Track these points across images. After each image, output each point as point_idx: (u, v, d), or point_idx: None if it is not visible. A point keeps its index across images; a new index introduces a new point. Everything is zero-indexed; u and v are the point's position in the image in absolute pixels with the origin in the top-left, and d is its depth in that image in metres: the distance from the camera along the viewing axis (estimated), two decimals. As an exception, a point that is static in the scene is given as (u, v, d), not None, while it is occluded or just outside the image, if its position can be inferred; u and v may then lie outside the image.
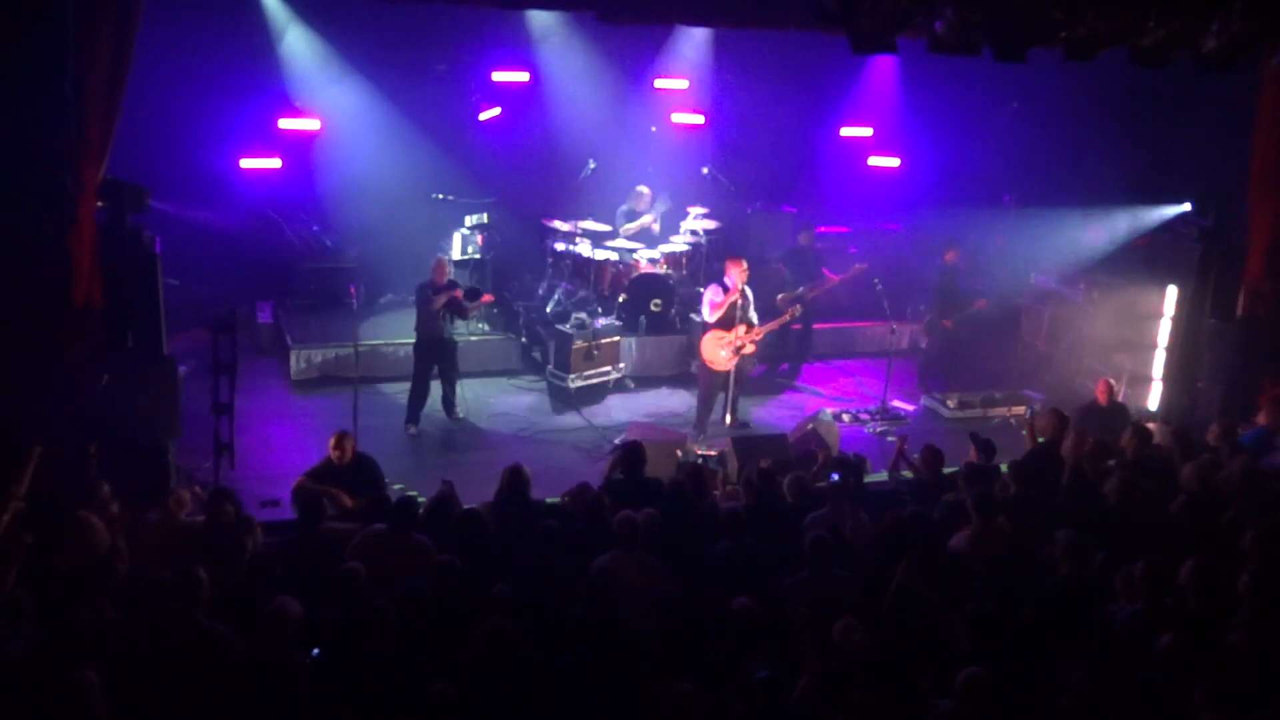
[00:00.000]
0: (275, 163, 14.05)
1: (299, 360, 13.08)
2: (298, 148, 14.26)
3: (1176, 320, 12.92)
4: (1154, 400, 13.12)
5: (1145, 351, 13.38)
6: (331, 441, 8.98)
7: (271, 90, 13.92)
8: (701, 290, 12.90)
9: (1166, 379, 13.05)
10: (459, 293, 11.97)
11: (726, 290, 12.14)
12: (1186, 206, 13.34)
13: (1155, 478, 8.78)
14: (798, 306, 13.11)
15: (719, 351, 12.14)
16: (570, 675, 5.93)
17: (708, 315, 12.17)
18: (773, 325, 12.70)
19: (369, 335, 13.14)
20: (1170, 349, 13.00)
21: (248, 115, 13.81)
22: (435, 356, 12.12)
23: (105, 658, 5.72)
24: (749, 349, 12.30)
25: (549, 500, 8.71)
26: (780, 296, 13.65)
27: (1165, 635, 6.08)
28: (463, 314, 12.23)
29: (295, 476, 9.04)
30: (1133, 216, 14.54)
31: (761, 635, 6.14)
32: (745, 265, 12.22)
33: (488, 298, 12.47)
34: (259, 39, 13.80)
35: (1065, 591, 6.83)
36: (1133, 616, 6.47)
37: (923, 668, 6.08)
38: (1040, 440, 9.97)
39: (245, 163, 13.89)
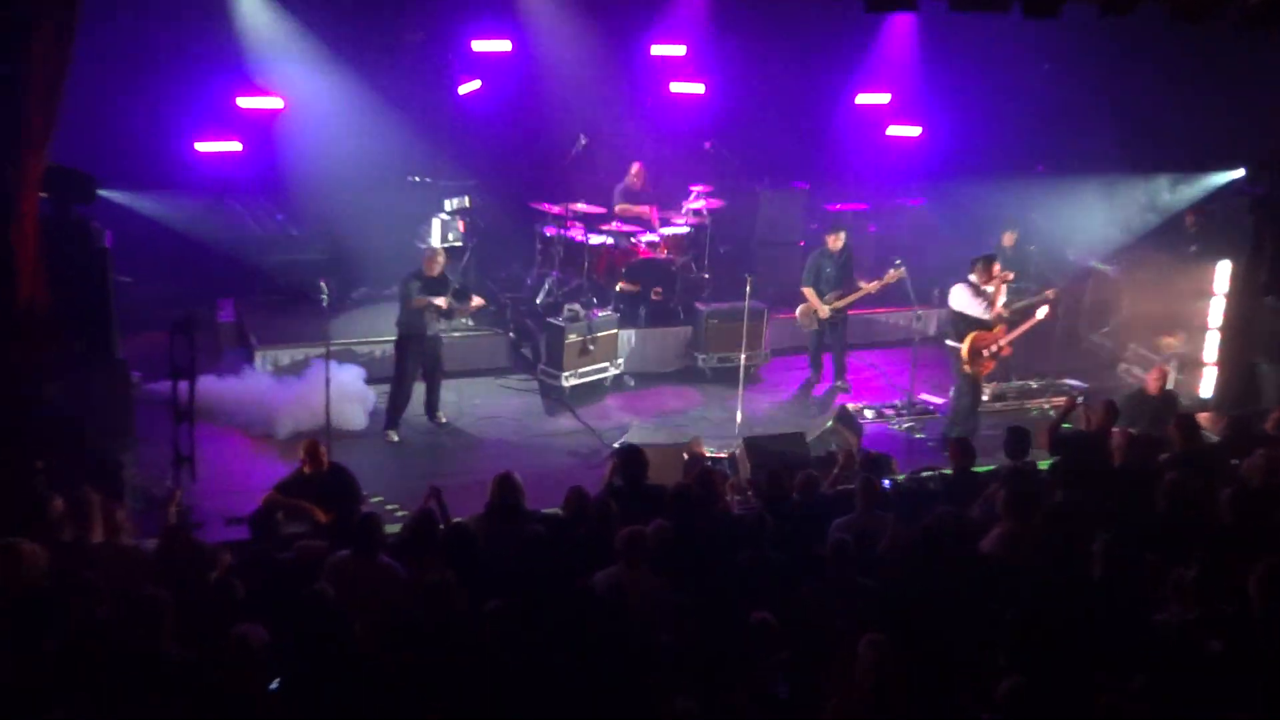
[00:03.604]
0: (234, 145, 14.04)
1: (265, 362, 13.08)
2: (259, 129, 14.24)
3: (1230, 298, 12.92)
4: (1207, 387, 13.12)
5: (1196, 334, 13.37)
6: (302, 451, 8.97)
7: (229, 66, 13.89)
8: (701, 276, 12.82)
9: (1220, 363, 13.05)
10: (443, 302, 11.93)
11: (979, 291, 12.11)
12: (1239, 173, 13.34)
13: (1208, 473, 8.78)
14: (1044, 308, 12.99)
15: (983, 354, 12.18)
16: (575, 695, 5.96)
17: (984, 314, 12.10)
18: (1024, 329, 12.59)
19: (341, 334, 13.12)
20: (1223, 330, 13.00)
21: (203, 94, 13.79)
22: (418, 355, 12.11)
23: (67, 691, 5.73)
24: (1006, 351, 12.35)
25: (545, 511, 8.71)
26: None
27: (1217, 642, 6.08)
28: (447, 315, 12.21)
29: (263, 491, 9.02)
30: (1180, 185, 14.54)
31: (782, 649, 6.15)
32: (998, 266, 12.20)
33: (479, 302, 12.44)
34: (214, 10, 13.77)
35: (1108, 598, 6.83)
36: (1185, 625, 6.47)
37: (959, 683, 6.09)
38: (1087, 432, 10.00)
39: (201, 146, 13.88)
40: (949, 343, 12.36)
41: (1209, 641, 6.23)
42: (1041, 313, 12.71)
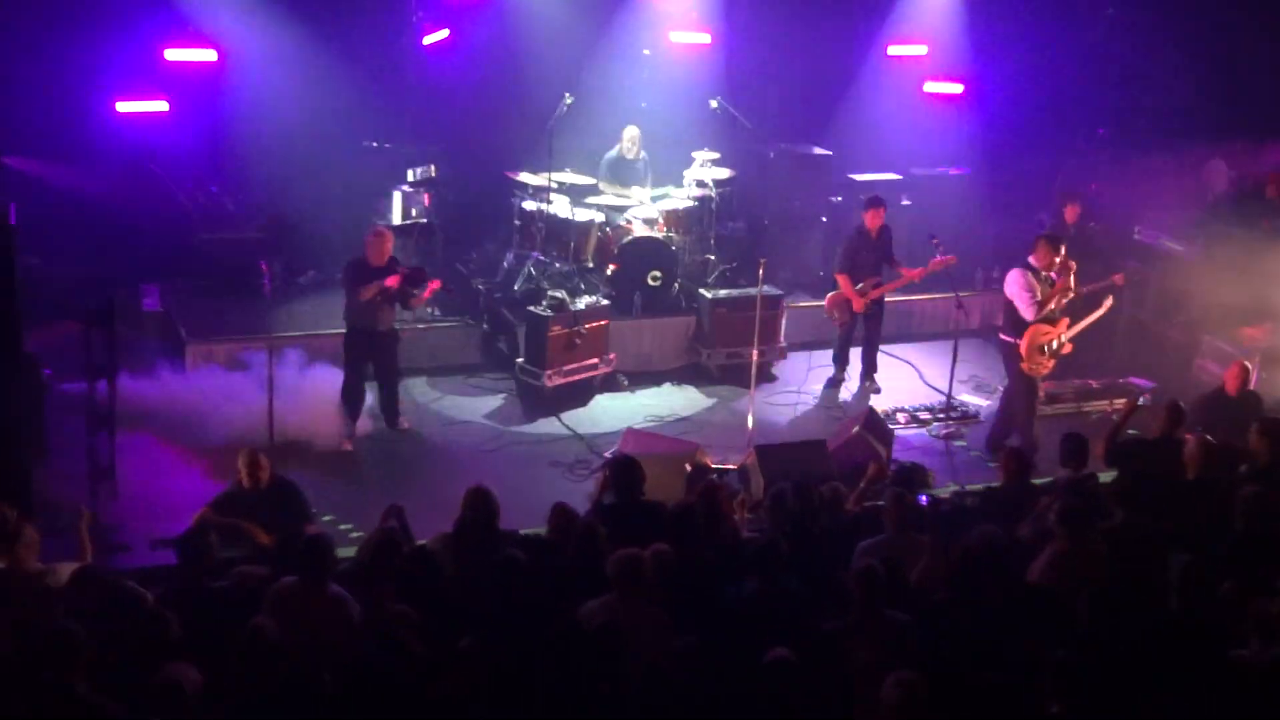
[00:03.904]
0: (161, 105, 14.04)
1: (197, 358, 13.08)
2: (189, 85, 14.24)
3: (1323, 283, 12.97)
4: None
5: (1283, 325, 13.43)
6: (241, 462, 8.99)
7: (154, 12, 13.89)
8: (706, 258, 12.72)
9: (1312, 359, 13.10)
10: (395, 279, 11.87)
11: (1038, 275, 12.00)
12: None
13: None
14: (1110, 299, 13.00)
15: (1044, 350, 12.13)
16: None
17: (1026, 312, 12.00)
18: (1089, 322, 12.63)
19: (286, 325, 13.13)
20: (1315, 321, 13.05)
21: (124, 45, 13.80)
22: (368, 352, 12.10)
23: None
24: (1067, 348, 12.33)
25: (524, 532, 8.74)
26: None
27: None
28: (405, 304, 12.21)
29: (195, 508, 9.06)
30: (1262, 150, 14.56)
31: (801, 691, 6.18)
32: (1063, 249, 12.06)
33: (435, 284, 12.42)
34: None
35: (1180, 631, 6.87)
36: (1271, 665, 6.50)
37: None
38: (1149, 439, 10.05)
39: (122, 106, 13.88)
40: (1003, 336, 12.35)
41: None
42: (1107, 303, 12.76)
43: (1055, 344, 12.15)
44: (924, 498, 9.26)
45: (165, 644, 6.72)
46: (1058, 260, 12.01)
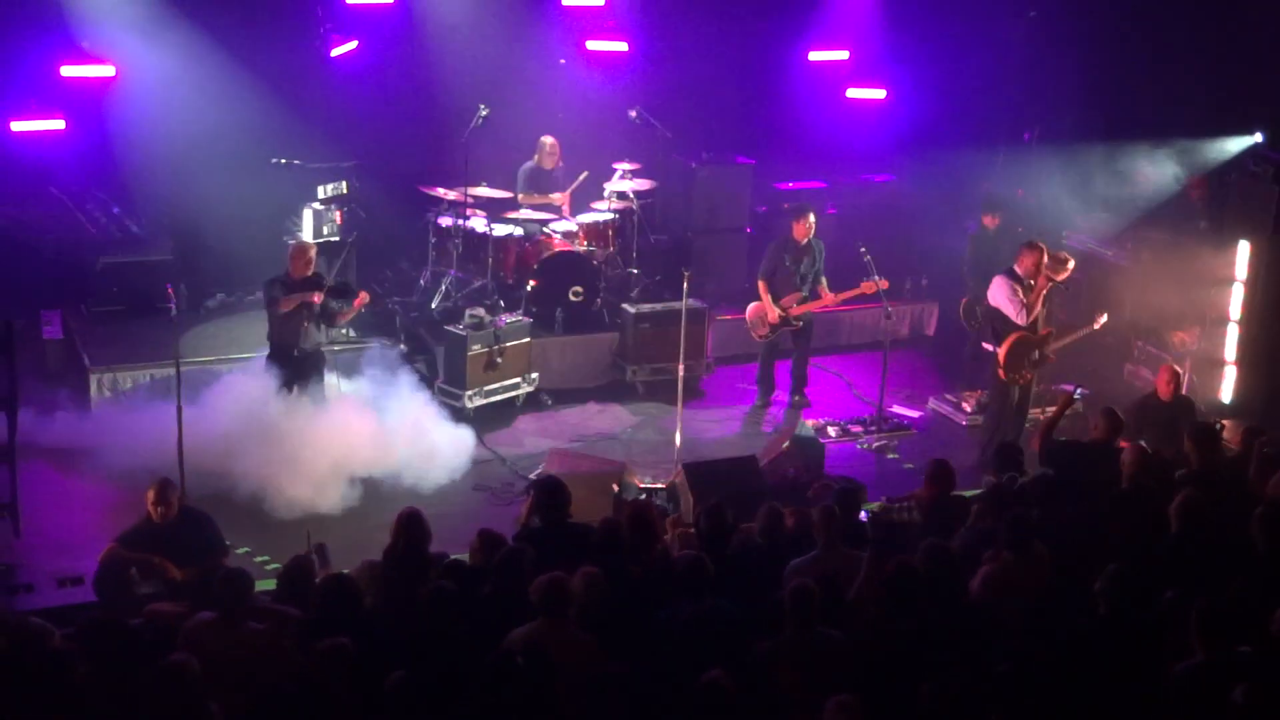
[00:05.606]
0: (58, 124, 13.88)
1: (101, 387, 12.96)
2: (87, 103, 14.10)
3: (1251, 285, 13.19)
4: (1227, 391, 13.39)
5: (1213, 328, 13.64)
6: (150, 494, 8.90)
7: (50, 28, 13.74)
8: (629, 271, 12.76)
9: (1241, 362, 13.32)
10: (317, 296, 11.82)
11: (1020, 281, 12.09)
12: (1258, 138, 13.64)
13: (1227, 492, 8.99)
14: (1104, 315, 13.20)
15: (1025, 361, 12.21)
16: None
17: (1016, 317, 12.09)
18: (1077, 336, 12.87)
19: (195, 350, 13.03)
20: (1245, 323, 13.26)
21: (19, 63, 13.64)
22: (293, 373, 12.01)
23: None
24: (1051, 358, 12.42)
25: (455, 557, 8.74)
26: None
27: (1240, 687, 6.24)
28: (330, 320, 12.12)
29: (103, 544, 8.96)
30: (1192, 153, 14.82)
31: (736, 715, 6.23)
32: (1047, 253, 12.20)
33: (364, 297, 12.36)
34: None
35: (1113, 642, 6.99)
36: (1193, 671, 6.63)
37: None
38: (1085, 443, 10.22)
39: (17, 125, 13.72)
40: (985, 345, 12.45)
41: (1230, 689, 6.38)
42: (1101, 319, 12.94)
43: (1037, 355, 12.24)
44: (865, 514, 9.37)
45: (67, 687, 6.65)
46: (1044, 264, 12.11)
